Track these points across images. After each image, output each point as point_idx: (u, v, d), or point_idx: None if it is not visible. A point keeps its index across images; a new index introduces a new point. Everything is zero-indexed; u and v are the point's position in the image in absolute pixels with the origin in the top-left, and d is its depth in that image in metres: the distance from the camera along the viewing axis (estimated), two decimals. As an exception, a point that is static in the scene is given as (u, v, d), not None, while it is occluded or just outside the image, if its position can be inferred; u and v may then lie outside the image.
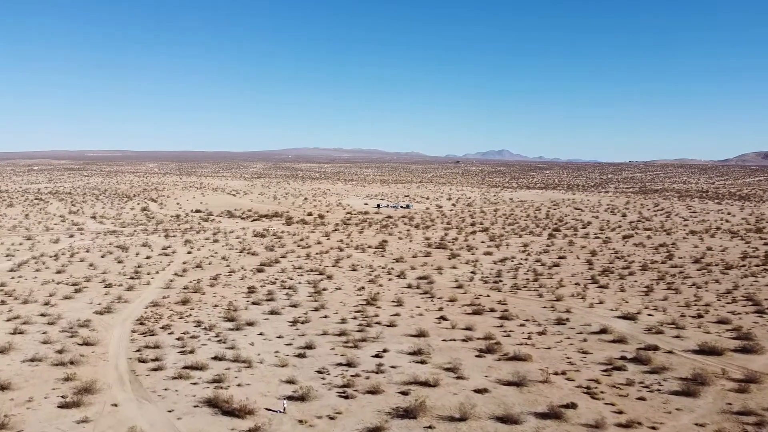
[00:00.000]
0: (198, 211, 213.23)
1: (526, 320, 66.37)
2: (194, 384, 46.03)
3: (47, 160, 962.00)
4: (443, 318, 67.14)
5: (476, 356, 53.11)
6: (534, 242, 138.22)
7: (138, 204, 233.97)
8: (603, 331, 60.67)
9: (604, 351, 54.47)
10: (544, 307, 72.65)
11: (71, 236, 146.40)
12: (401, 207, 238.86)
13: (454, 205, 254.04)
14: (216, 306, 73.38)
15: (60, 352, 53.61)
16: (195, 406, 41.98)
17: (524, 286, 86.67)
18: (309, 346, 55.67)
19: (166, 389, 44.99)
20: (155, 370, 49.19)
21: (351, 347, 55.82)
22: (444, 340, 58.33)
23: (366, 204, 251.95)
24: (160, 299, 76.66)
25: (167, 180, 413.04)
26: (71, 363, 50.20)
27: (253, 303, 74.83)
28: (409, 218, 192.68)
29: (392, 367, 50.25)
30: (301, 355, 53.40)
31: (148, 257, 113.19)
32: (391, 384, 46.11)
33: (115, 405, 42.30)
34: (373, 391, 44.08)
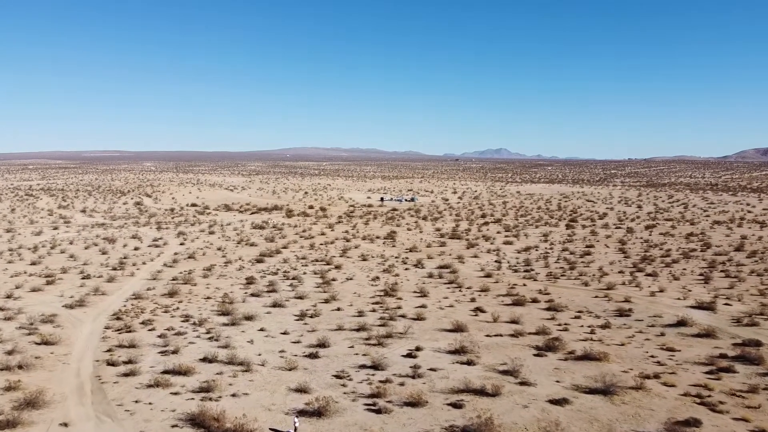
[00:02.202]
0: (194, 205, 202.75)
1: (580, 311, 55.54)
2: (175, 394, 35.00)
3: (43, 160, 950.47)
4: (479, 309, 56.25)
5: (535, 355, 42.17)
6: (553, 232, 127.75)
7: (131, 199, 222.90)
8: (681, 323, 49.79)
9: (693, 347, 43.64)
10: (596, 297, 61.86)
11: (55, 228, 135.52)
12: (406, 200, 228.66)
13: (460, 198, 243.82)
14: (208, 298, 62.51)
15: (10, 353, 42.58)
16: (173, 426, 30.95)
17: (562, 275, 75.95)
18: (322, 344, 44.72)
19: (137, 401, 33.94)
20: (127, 375, 38.18)
21: (374, 345, 44.86)
22: (488, 336, 47.39)
23: (369, 198, 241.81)
24: (144, 291, 65.72)
25: (163, 177, 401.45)
26: (20, 367, 39.15)
27: (252, 295, 63.98)
28: (416, 211, 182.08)
29: (431, 369, 39.20)
30: (313, 355, 42.40)
31: (136, 248, 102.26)
32: (436, 393, 35.09)
33: (65, 425, 31.26)
34: (414, 403, 33.05)
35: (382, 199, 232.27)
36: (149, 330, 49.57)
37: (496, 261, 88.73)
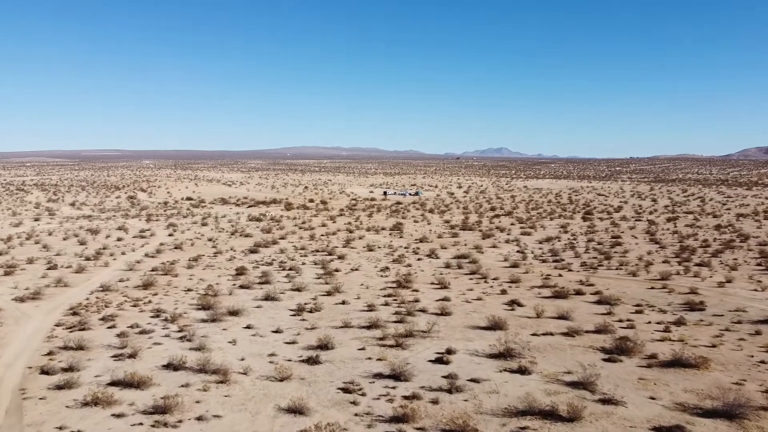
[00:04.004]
0: (189, 198, 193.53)
1: (639, 305, 45.64)
2: (117, 416, 25.01)
3: (42, 158, 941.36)
4: (515, 303, 46.37)
5: (605, 360, 32.20)
6: (571, 224, 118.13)
7: (125, 193, 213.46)
8: (775, 319, 40.00)
9: (807, 350, 33.78)
10: (652, 288, 51.98)
11: (36, 219, 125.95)
12: (410, 194, 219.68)
13: (466, 192, 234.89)
14: (189, 290, 52.68)
15: None
16: (105, 468, 21.17)
17: (599, 265, 66.17)
18: (324, 345, 34.78)
19: (61, 428, 24.05)
20: (60, 388, 28.27)
21: (392, 346, 34.93)
22: (535, 335, 37.43)
23: (371, 192, 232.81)
24: (115, 283, 55.86)
25: (161, 173, 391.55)
26: None
27: (242, 287, 54.16)
28: (421, 204, 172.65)
29: (473, 380, 29.14)
30: (312, 360, 32.42)
31: (119, 239, 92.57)
32: (486, 415, 25.00)
33: (-55, 466, 21.56)
34: None
35: (385, 193, 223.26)
36: (108, 327, 39.71)
37: (518, 251, 79.02)
